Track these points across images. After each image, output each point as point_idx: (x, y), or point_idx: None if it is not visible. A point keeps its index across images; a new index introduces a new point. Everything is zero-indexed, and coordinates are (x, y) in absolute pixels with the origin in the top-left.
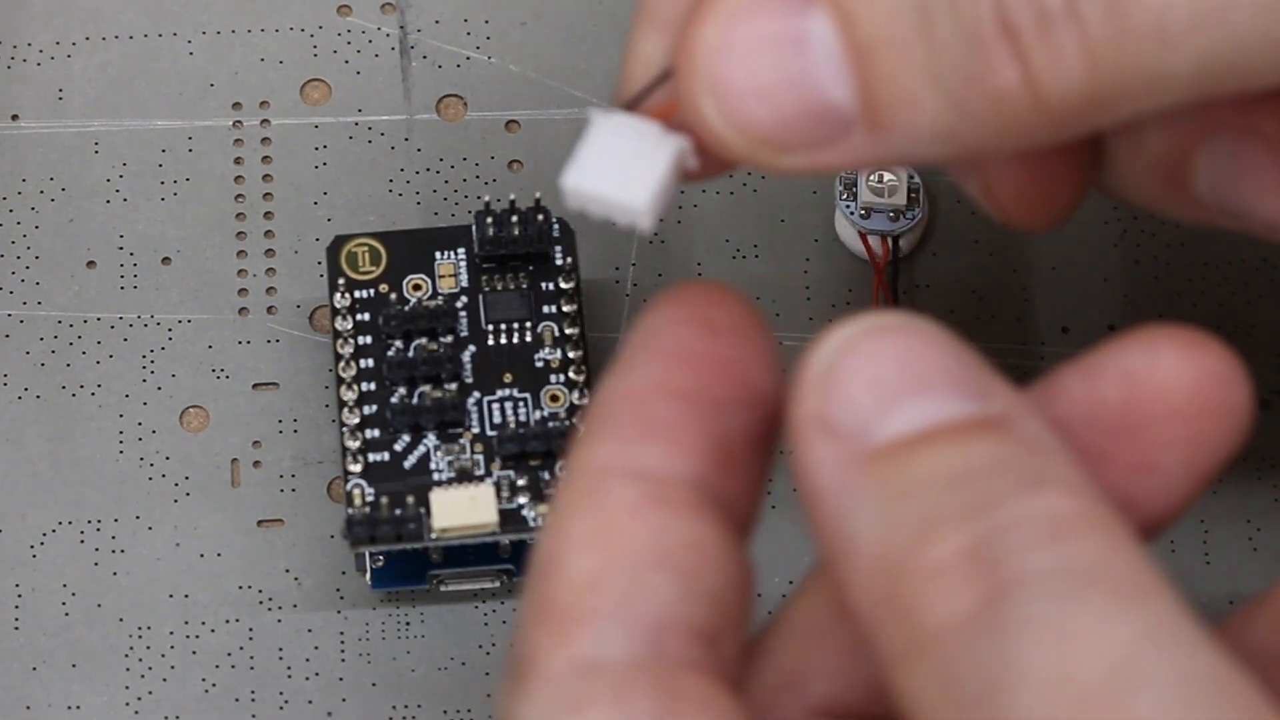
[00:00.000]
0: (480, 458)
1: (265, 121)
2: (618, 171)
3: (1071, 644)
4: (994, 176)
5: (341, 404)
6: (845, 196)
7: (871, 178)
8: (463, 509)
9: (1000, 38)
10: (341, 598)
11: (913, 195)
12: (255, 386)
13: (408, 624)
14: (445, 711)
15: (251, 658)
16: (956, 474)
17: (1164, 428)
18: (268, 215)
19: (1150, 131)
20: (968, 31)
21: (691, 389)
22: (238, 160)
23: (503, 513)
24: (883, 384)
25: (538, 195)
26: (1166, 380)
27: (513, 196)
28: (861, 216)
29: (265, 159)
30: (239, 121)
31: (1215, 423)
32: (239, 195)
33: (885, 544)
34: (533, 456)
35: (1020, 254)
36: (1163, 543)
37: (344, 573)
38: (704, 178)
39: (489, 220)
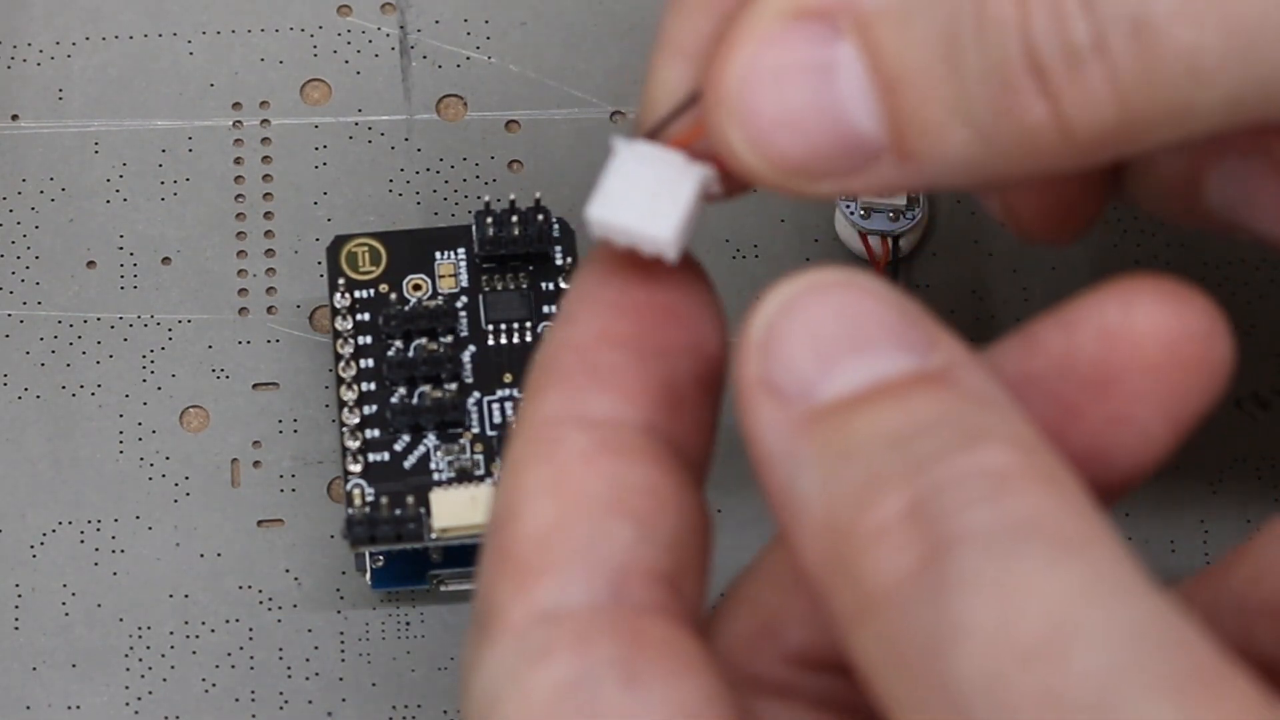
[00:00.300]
0: (480, 458)
1: (265, 121)
2: (642, 202)
3: (1010, 599)
4: (1015, 196)
5: (341, 404)
6: (845, 196)
7: None
8: (463, 509)
9: (1028, 74)
10: (341, 598)
11: (913, 195)
12: (255, 386)
13: (408, 624)
14: (445, 711)
15: (251, 658)
16: (897, 432)
17: (1139, 381)
18: (268, 215)
19: (1164, 154)
20: (995, 67)
21: (635, 336)
22: (238, 160)
23: None
24: (822, 343)
25: (538, 195)
26: (1142, 333)
27: (513, 196)
28: (861, 216)
29: (265, 159)
30: (239, 121)
31: (1192, 376)
32: (239, 195)
33: (829, 507)
34: None
35: (1020, 254)
36: (1163, 543)
37: (344, 573)
38: (725, 199)
39: (489, 220)
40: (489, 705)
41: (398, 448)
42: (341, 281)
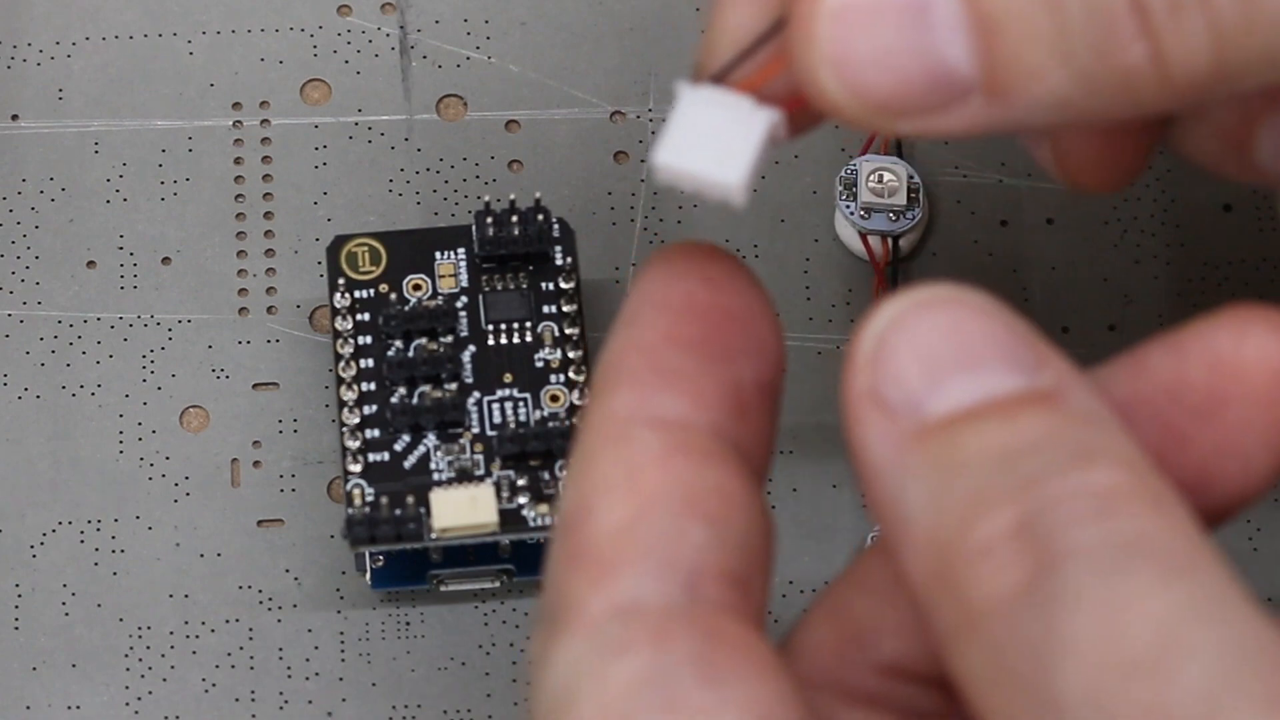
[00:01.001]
0: (480, 458)
1: (265, 121)
2: (710, 148)
3: (1117, 616)
4: (1066, 143)
5: (341, 404)
6: (845, 196)
7: (871, 178)
8: (463, 509)
9: (1130, 15)
10: (341, 598)
11: (913, 195)
12: (255, 386)
13: (408, 624)
14: (445, 711)
15: (251, 658)
16: (1005, 450)
17: (1247, 411)
18: (268, 215)
19: (1216, 105)
20: (1097, 8)
21: (701, 339)
22: (238, 160)
23: (503, 513)
24: (932, 359)
25: (538, 195)
26: (1253, 364)
27: (513, 196)
28: (861, 217)
29: (265, 159)
30: (239, 121)
31: None
32: (239, 195)
33: (936, 522)
34: (533, 456)
35: (1020, 254)
36: None
37: (344, 573)
38: (790, 140)
39: (489, 220)
40: (564, 697)
41: (398, 448)
42: (341, 281)
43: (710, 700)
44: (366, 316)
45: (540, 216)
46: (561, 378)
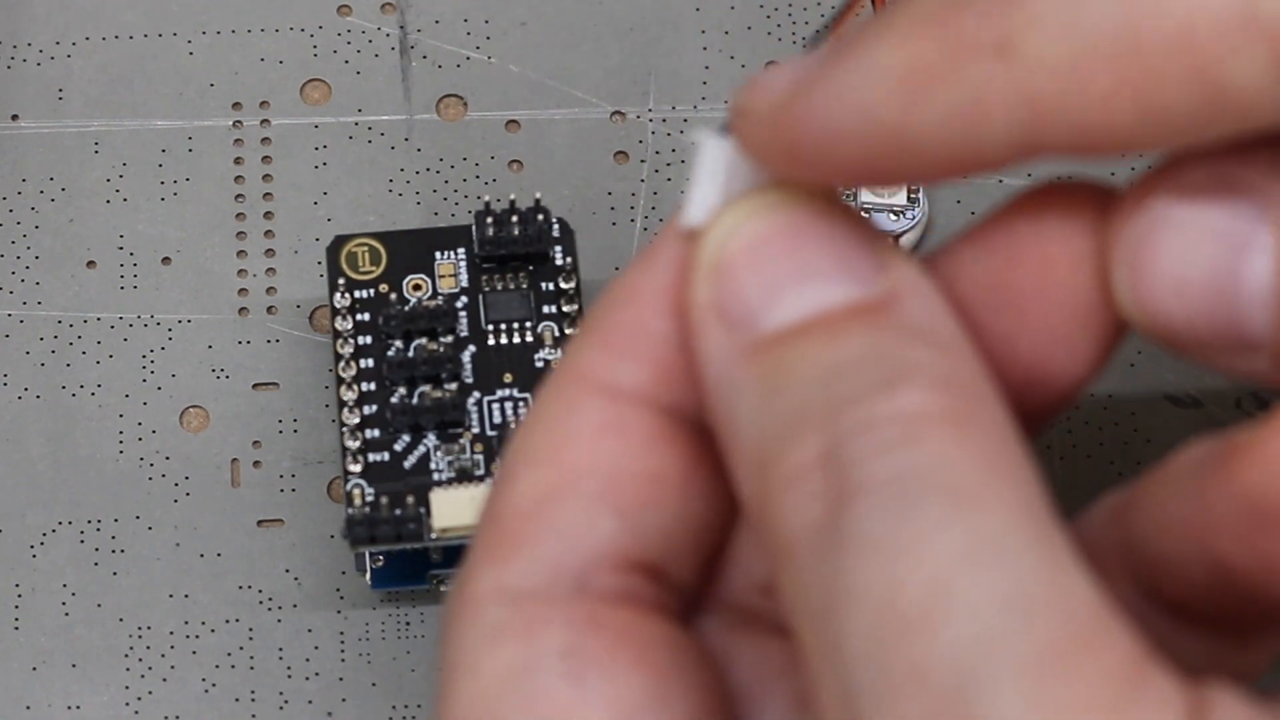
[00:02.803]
0: (480, 458)
1: (265, 121)
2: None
3: (896, 561)
4: None
5: (341, 404)
6: (845, 196)
7: None
8: (463, 509)
9: None
10: (341, 598)
11: (913, 195)
12: (255, 386)
13: (408, 624)
14: None
15: (251, 658)
16: (824, 368)
17: (1056, 300)
18: (268, 215)
19: None
20: None
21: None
22: (238, 160)
23: None
24: (770, 269)
25: (538, 195)
26: (1054, 252)
27: (513, 196)
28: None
29: (265, 159)
30: (239, 121)
31: (1105, 282)
32: (239, 195)
33: (759, 442)
34: None
35: None
36: None
37: (344, 573)
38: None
39: (489, 220)
40: (445, 679)
41: (398, 448)
42: (341, 281)
43: (570, 698)
44: (366, 316)
45: (540, 216)
46: None
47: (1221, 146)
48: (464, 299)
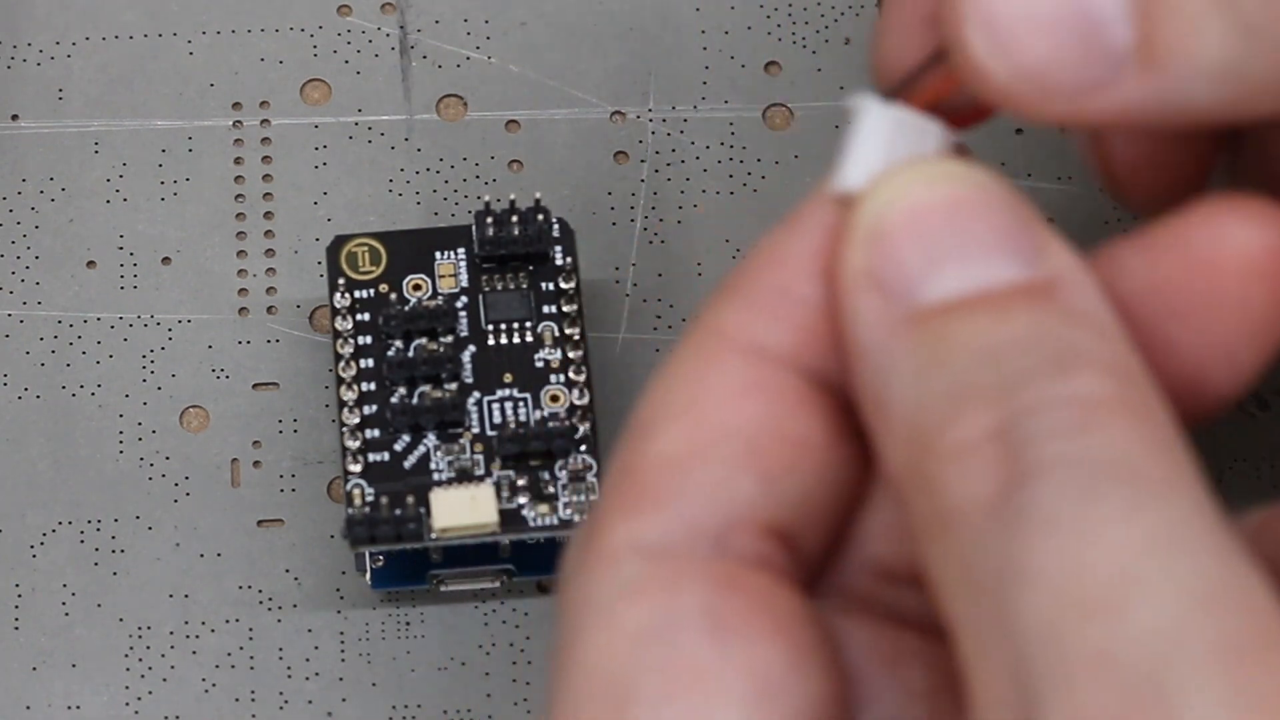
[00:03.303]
0: (480, 458)
1: (265, 121)
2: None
3: (1081, 545)
4: (1123, 145)
5: (341, 404)
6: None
7: None
8: (463, 509)
9: None
10: (341, 598)
11: None
12: (255, 386)
13: (408, 624)
14: (445, 711)
15: (251, 658)
16: (992, 346)
17: (1230, 309)
18: (268, 215)
19: None
20: None
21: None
22: (238, 160)
23: (503, 513)
24: (932, 241)
25: (538, 195)
26: (1230, 259)
27: (513, 196)
28: None
29: (265, 159)
30: (239, 121)
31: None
32: (239, 195)
33: (916, 413)
34: (533, 456)
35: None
36: None
37: (344, 573)
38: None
39: (489, 220)
40: (574, 629)
41: (398, 448)
42: (341, 281)
43: (711, 658)
44: (366, 316)
45: (540, 216)
46: (561, 378)
47: None
48: (464, 299)
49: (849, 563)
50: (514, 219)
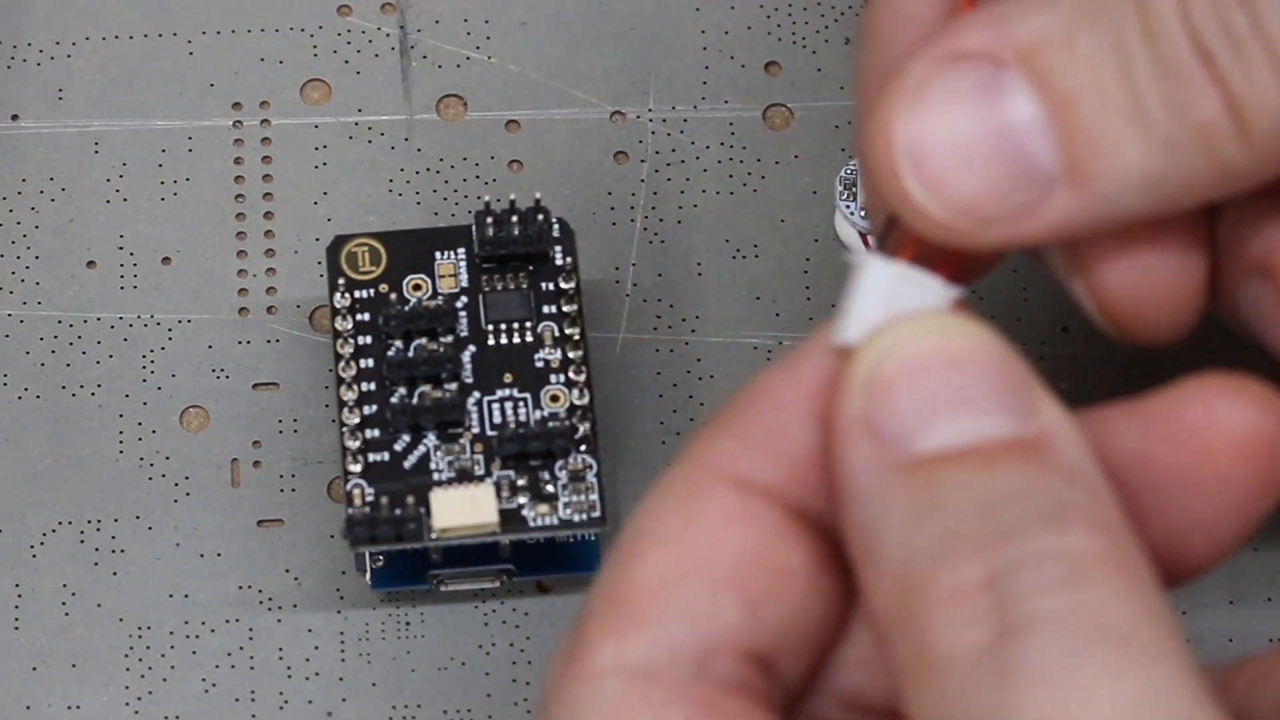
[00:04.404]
0: (480, 458)
1: (265, 121)
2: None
3: (1070, 702)
4: (1116, 275)
5: (341, 404)
6: (845, 196)
7: None
8: (463, 509)
9: (1199, 65)
10: (341, 598)
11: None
12: (255, 386)
13: (408, 624)
14: (445, 711)
15: (251, 658)
16: (983, 497)
17: (1214, 487)
18: (268, 215)
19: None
20: (1167, 63)
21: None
22: (238, 160)
23: (503, 513)
24: (927, 394)
25: (538, 195)
26: (1219, 439)
27: (513, 196)
28: (861, 217)
29: (265, 159)
30: (239, 121)
31: (1267, 480)
32: (239, 195)
33: (906, 559)
34: (533, 456)
35: (1021, 255)
36: None
37: (344, 573)
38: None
39: (489, 220)
40: None
41: (398, 448)
42: (341, 281)
43: None
44: (366, 316)
45: (540, 216)
46: (561, 378)
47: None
48: (464, 299)
49: (823, 691)
50: (514, 219)
